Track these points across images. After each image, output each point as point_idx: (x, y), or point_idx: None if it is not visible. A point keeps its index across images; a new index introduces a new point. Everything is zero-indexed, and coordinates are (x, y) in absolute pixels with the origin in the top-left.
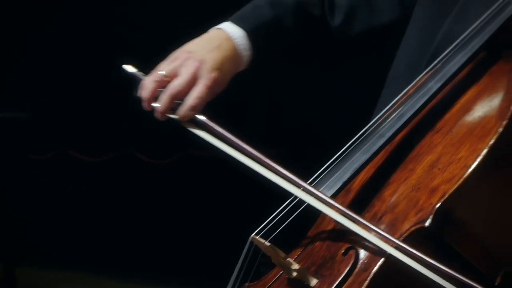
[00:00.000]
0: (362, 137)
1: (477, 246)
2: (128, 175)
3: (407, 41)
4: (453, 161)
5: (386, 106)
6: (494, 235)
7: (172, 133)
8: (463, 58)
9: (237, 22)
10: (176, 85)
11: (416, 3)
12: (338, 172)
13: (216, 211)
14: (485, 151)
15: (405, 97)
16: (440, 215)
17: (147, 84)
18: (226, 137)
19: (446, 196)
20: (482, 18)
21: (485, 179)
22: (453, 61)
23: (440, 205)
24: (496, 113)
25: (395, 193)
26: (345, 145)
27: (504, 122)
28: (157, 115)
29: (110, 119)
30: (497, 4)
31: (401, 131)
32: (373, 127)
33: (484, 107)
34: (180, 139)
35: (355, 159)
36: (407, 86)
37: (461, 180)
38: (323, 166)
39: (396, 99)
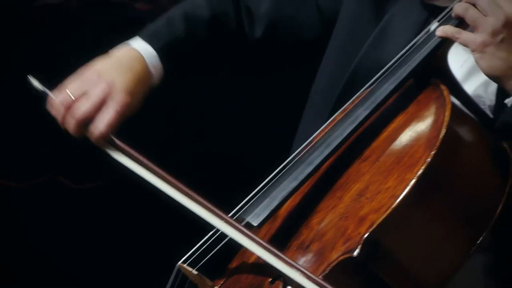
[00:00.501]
0: (290, 164)
1: (406, 275)
2: (52, 200)
3: (327, 60)
4: (381, 190)
5: (309, 124)
6: (424, 263)
7: (99, 158)
8: (391, 86)
9: (148, 40)
10: (83, 110)
11: (336, 21)
12: (266, 200)
13: (143, 238)
14: (413, 181)
15: (333, 123)
16: (369, 245)
17: (56, 107)
18: (141, 160)
19: (374, 226)
20: (408, 47)
21: (413, 208)
22: (381, 89)
23: (369, 235)
24: (424, 143)
25: (323, 221)
26: (272, 172)
27: (433, 152)
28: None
29: (31, 141)
30: (422, 33)
31: (329, 158)
32: (301, 154)
33: (412, 136)
34: (106, 164)
35: (282, 187)
36: (327, 104)
37: (390, 210)
38: (251, 193)
39: (325, 125)
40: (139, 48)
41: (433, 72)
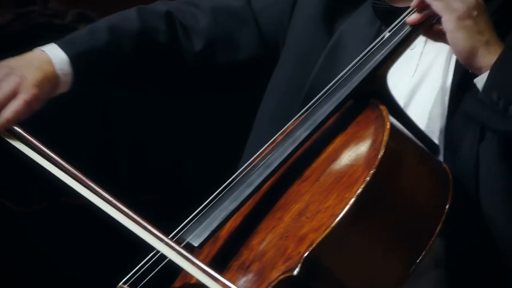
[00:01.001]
0: (231, 185)
1: None
2: None
3: (277, 81)
4: (321, 209)
5: (254, 149)
6: (364, 281)
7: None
8: (331, 107)
9: (63, 46)
10: None
11: (282, 46)
12: (206, 221)
13: (83, 259)
14: (352, 200)
15: (273, 144)
16: (309, 264)
17: None
18: (44, 151)
19: (314, 245)
20: (348, 68)
21: (353, 227)
22: (321, 110)
23: (308, 253)
24: (363, 162)
25: (263, 241)
26: (213, 193)
27: (371, 172)
28: None
29: None
30: (362, 54)
31: (269, 179)
32: (241, 174)
33: (351, 156)
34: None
35: (223, 208)
36: (276, 127)
37: (329, 229)
38: (192, 213)
39: (265, 146)
40: (50, 52)
41: (373, 93)
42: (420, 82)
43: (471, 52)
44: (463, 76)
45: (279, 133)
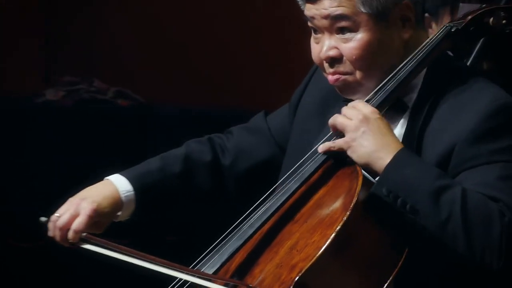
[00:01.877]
0: (237, 228)
1: None
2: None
3: (285, 168)
4: (308, 244)
5: None
6: None
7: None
8: (315, 165)
9: (123, 173)
10: (61, 220)
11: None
12: (218, 255)
13: None
14: (333, 235)
15: (272, 195)
16: (298, 287)
17: (50, 226)
18: (111, 246)
19: (302, 271)
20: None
21: (333, 256)
22: (308, 167)
23: (298, 278)
24: (340, 207)
25: (263, 270)
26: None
27: (347, 213)
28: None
29: None
30: None
31: (268, 221)
32: (246, 219)
33: (332, 202)
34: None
35: (231, 245)
36: None
37: (315, 258)
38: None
39: (265, 195)
40: (112, 178)
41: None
42: None
43: (365, 163)
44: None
45: (275, 185)
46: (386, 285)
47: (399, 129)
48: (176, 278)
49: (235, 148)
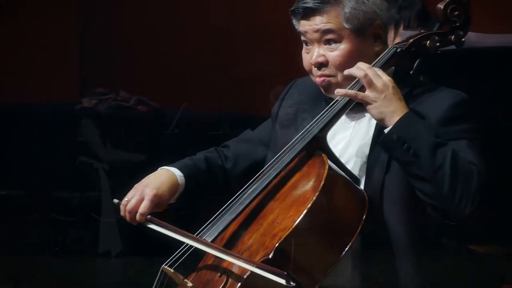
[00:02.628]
0: (230, 204)
1: (303, 269)
2: None
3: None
4: (285, 217)
5: None
6: (314, 261)
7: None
8: (291, 155)
9: (172, 164)
10: (130, 205)
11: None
12: (215, 227)
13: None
14: (305, 211)
15: (258, 179)
16: (278, 251)
17: (121, 209)
18: (167, 226)
19: (281, 239)
20: (301, 132)
21: (305, 227)
22: (286, 157)
23: (278, 244)
24: (311, 188)
25: (251, 238)
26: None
27: (316, 193)
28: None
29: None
30: (310, 123)
31: (254, 200)
32: (238, 198)
33: (304, 185)
34: None
35: (225, 218)
36: None
37: (291, 228)
38: (206, 223)
39: (253, 179)
40: (167, 167)
41: (318, 147)
42: (352, 139)
43: (381, 119)
44: (377, 134)
45: (258, 173)
46: (347, 248)
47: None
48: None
49: (233, 155)
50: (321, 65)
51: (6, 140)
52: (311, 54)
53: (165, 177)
